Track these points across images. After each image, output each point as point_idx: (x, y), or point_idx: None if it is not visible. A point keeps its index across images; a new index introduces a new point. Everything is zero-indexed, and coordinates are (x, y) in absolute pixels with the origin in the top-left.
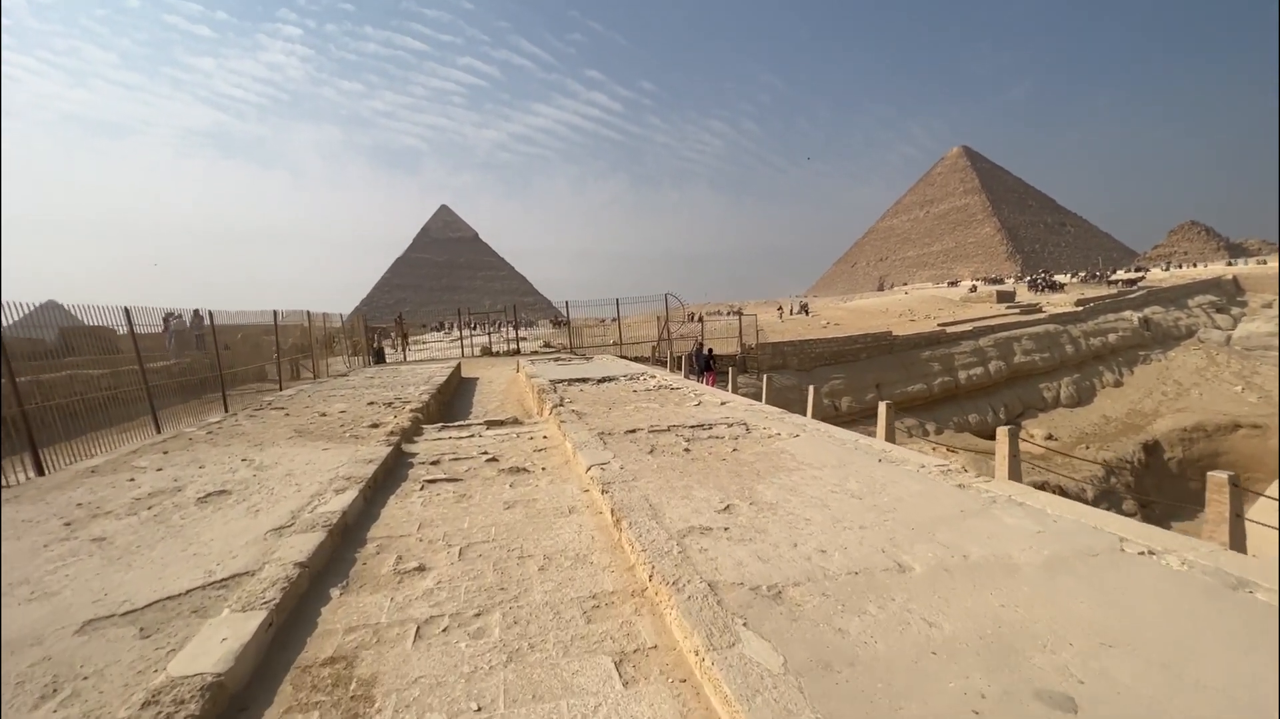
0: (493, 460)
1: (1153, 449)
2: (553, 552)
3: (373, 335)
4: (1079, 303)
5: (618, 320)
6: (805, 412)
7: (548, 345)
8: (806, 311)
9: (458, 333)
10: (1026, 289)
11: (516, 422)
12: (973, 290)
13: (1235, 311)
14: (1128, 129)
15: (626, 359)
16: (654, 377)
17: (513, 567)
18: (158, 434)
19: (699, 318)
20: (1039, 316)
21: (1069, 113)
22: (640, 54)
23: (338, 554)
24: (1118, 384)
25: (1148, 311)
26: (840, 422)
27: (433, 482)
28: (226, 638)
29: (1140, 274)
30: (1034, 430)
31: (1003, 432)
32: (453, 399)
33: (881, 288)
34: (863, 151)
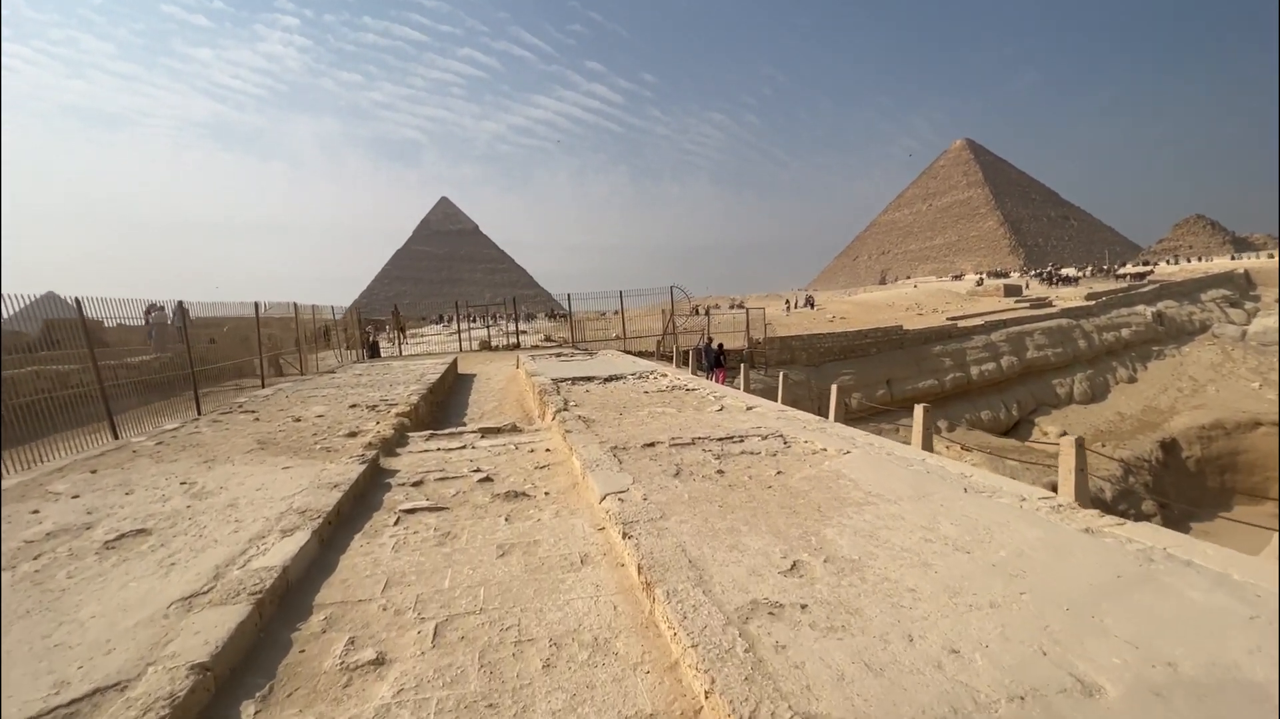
0: (486, 481)
1: (1170, 447)
2: (562, 633)
3: (368, 329)
4: (1089, 297)
5: (621, 314)
6: (819, 411)
7: (548, 339)
8: (812, 305)
9: (456, 326)
10: (1038, 282)
11: (515, 429)
12: (979, 284)
13: (1249, 306)
14: (1131, 122)
15: (631, 354)
16: (665, 375)
17: (506, 659)
18: (114, 440)
19: (705, 311)
20: (1050, 311)
21: (1072, 105)
22: (641, 46)
23: (268, 635)
24: (1132, 380)
25: (1160, 306)
26: (850, 419)
27: (411, 512)
28: None
29: (1148, 268)
30: (1048, 428)
31: (1068, 443)
32: (447, 398)
33: (883, 281)
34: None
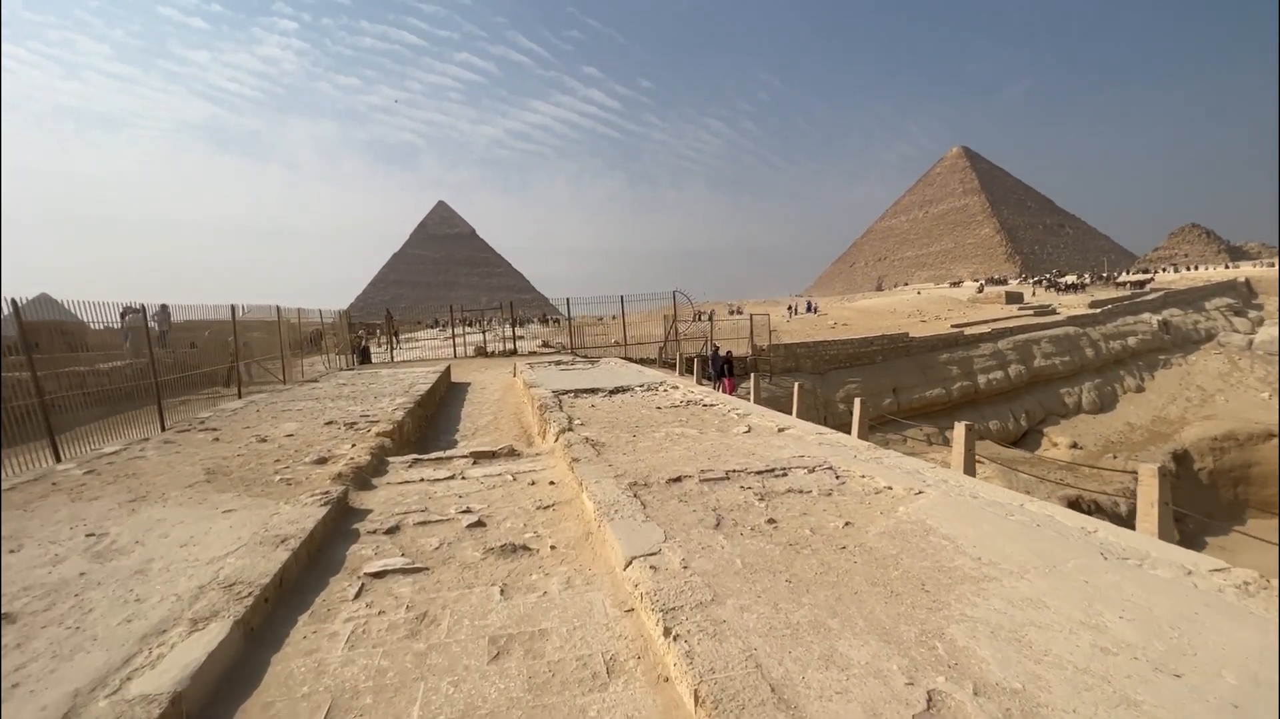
0: (478, 526)
1: (1182, 459)
2: None
3: (360, 334)
4: (1093, 304)
5: (622, 319)
6: (824, 420)
7: (546, 345)
8: (815, 310)
9: (450, 332)
10: (1044, 289)
11: (512, 453)
12: (979, 290)
13: (1253, 315)
14: (1125, 130)
15: (632, 362)
16: (676, 387)
17: None
18: (55, 463)
19: (707, 317)
20: (1057, 319)
21: (1066, 113)
22: (638, 52)
23: None
24: (1139, 389)
25: (1165, 314)
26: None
27: (380, 575)
28: None
29: (1148, 276)
30: (1058, 438)
31: (1149, 472)
32: (437, 412)
33: (880, 287)
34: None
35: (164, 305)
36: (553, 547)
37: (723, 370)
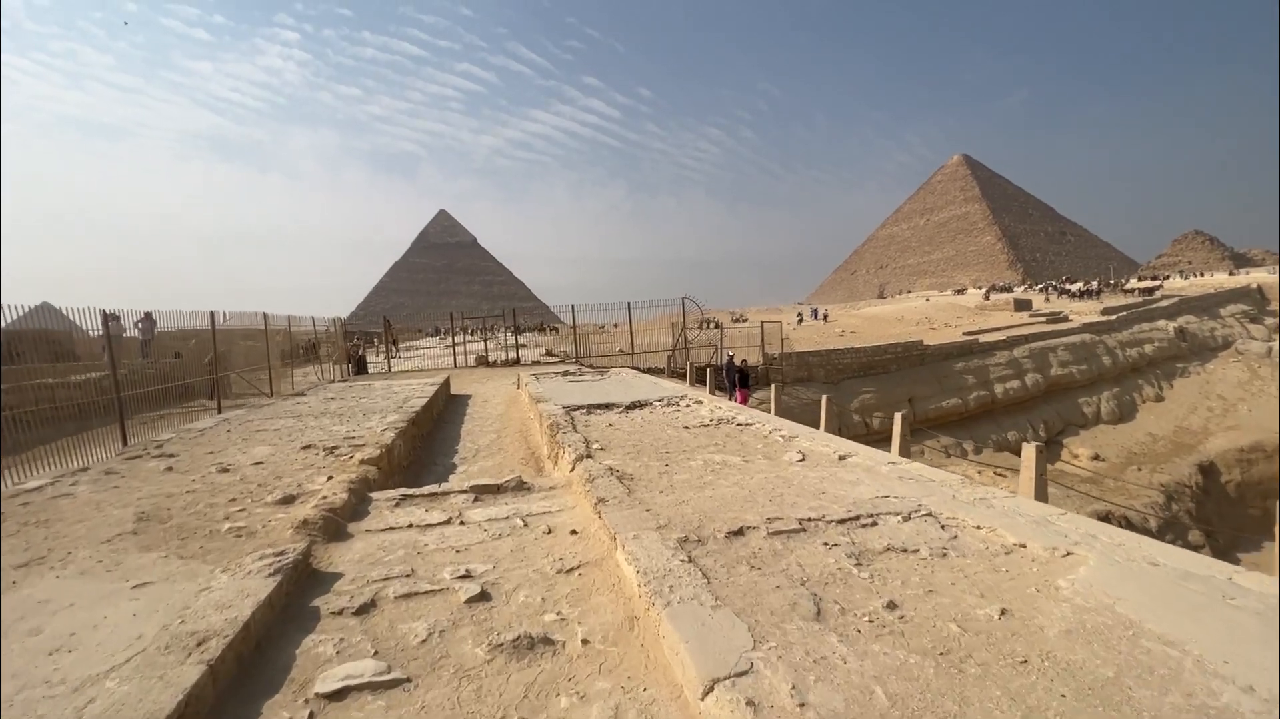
0: (480, 600)
1: (1208, 471)
2: None
3: (356, 342)
4: (1105, 311)
5: (629, 327)
6: (839, 431)
7: (549, 354)
8: (819, 317)
9: (451, 341)
10: (1055, 295)
11: (521, 485)
12: (986, 297)
13: (1269, 322)
14: (1124, 138)
15: (640, 371)
16: (700, 402)
17: None
18: None
19: (716, 324)
20: (1072, 326)
21: (1065, 121)
22: (638, 61)
23: None
24: (1159, 399)
25: (1181, 321)
26: (872, 440)
27: (339, 696)
28: None
29: (1156, 283)
30: (1079, 449)
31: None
32: (434, 429)
33: (882, 295)
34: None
35: (148, 313)
36: (585, 640)
37: (740, 381)
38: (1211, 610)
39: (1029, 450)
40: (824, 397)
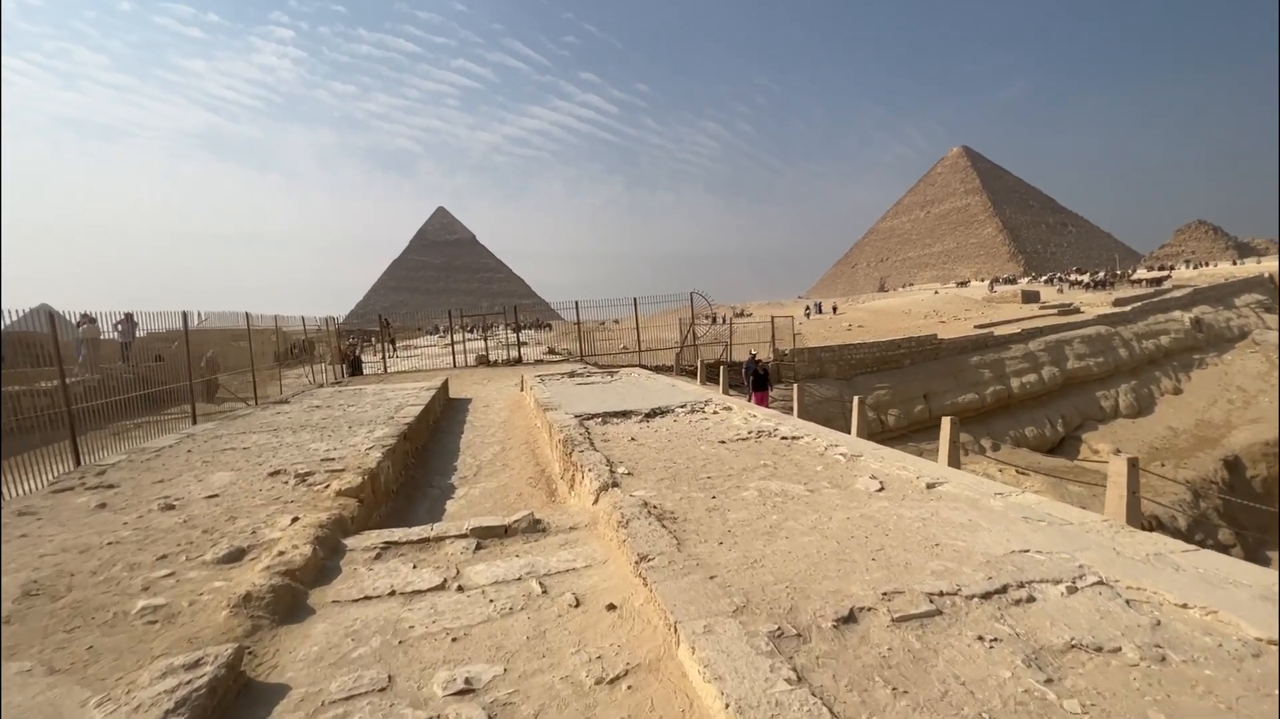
0: None
1: (1233, 466)
2: None
3: (352, 342)
4: (1117, 303)
5: (635, 323)
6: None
7: (552, 352)
8: (828, 309)
9: (450, 339)
10: (1068, 286)
11: (534, 527)
12: (990, 289)
13: None
14: (1123, 129)
15: (648, 370)
16: (729, 408)
17: None
18: None
19: (723, 319)
20: (1085, 317)
21: (1064, 113)
22: (635, 57)
23: None
24: (1177, 391)
25: (1197, 312)
26: (888, 439)
27: None
28: None
29: (1164, 273)
30: (1098, 445)
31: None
32: (430, 441)
33: (883, 288)
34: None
35: (128, 314)
36: None
37: (760, 381)
38: None
39: (1118, 465)
40: (855, 398)
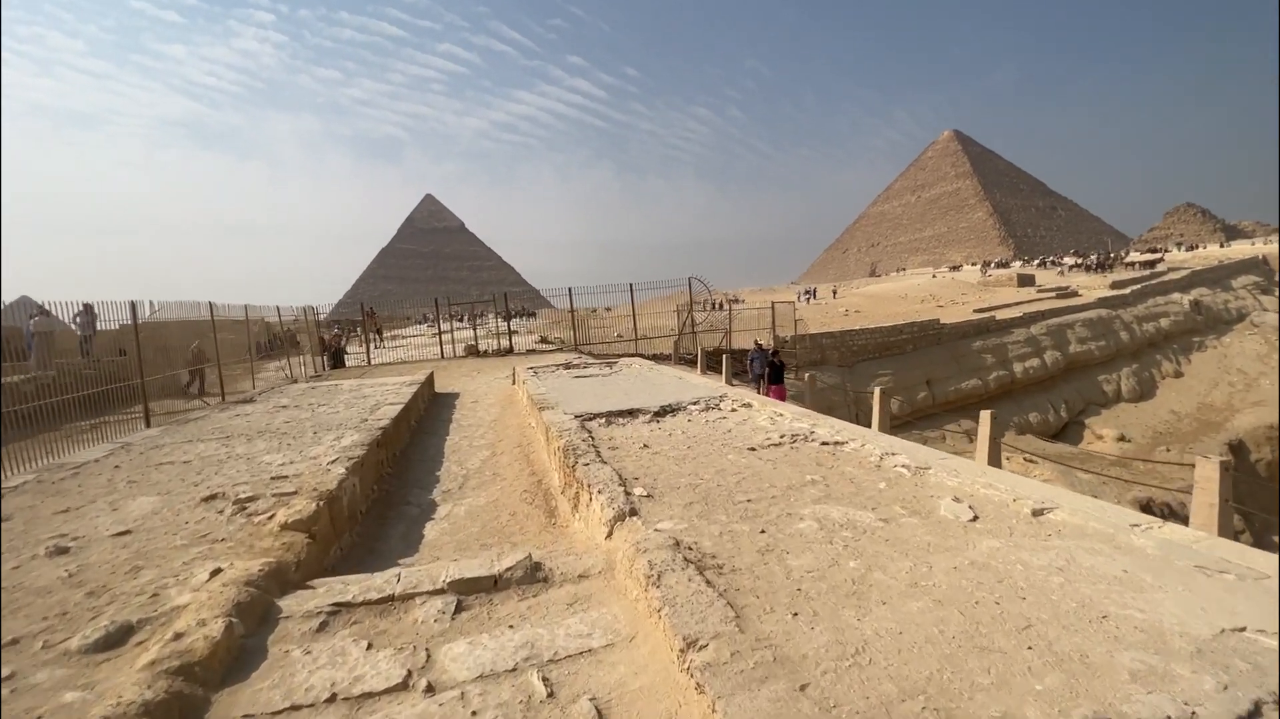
0: None
1: (1237, 449)
2: None
3: (338, 333)
4: (1114, 285)
5: (632, 311)
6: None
7: (545, 341)
8: (825, 294)
9: (438, 329)
10: (1068, 269)
11: (533, 575)
12: (984, 273)
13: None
14: (1114, 111)
15: (646, 359)
16: (748, 404)
17: None
18: None
19: (720, 305)
20: (1086, 300)
21: (1055, 96)
22: (623, 40)
23: None
24: (1178, 374)
25: (1195, 294)
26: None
27: None
28: None
29: (1157, 255)
30: (1102, 430)
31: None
32: (411, 444)
33: (874, 273)
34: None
35: (87, 305)
36: None
37: (775, 375)
38: None
39: (1208, 469)
40: (876, 389)
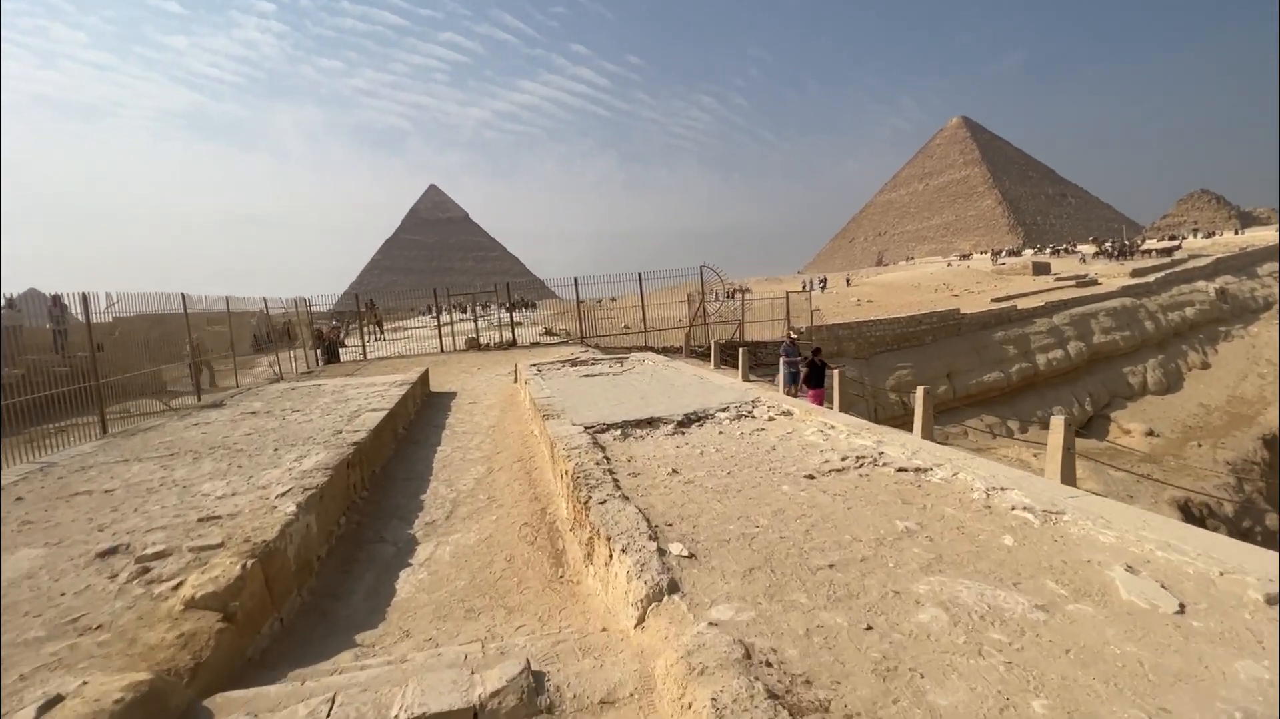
0: None
1: (1271, 444)
2: None
3: (336, 325)
4: (1134, 273)
5: (641, 301)
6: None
7: (550, 333)
8: (838, 284)
9: (437, 321)
10: (1092, 257)
11: (534, 700)
12: (995, 262)
13: None
14: (1123, 98)
15: (658, 354)
16: (788, 412)
17: None
18: None
19: (732, 294)
20: (1109, 289)
21: (1063, 82)
22: (626, 28)
23: None
24: (1205, 365)
25: (1220, 282)
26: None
27: None
28: None
29: (1175, 242)
30: (1130, 424)
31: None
32: (395, 457)
33: (881, 263)
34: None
35: (56, 296)
36: None
37: (815, 377)
38: None
39: None
40: (920, 389)
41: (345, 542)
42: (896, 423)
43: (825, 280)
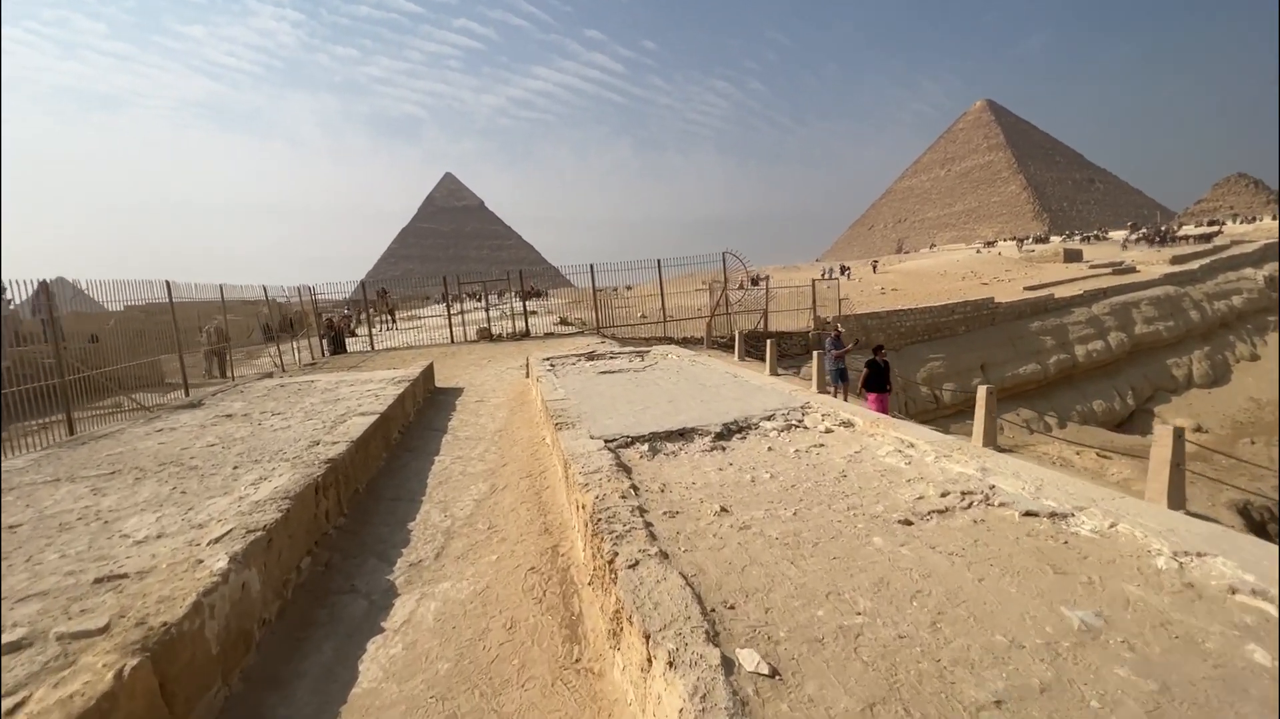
0: None
1: None
2: None
3: (347, 313)
4: (1174, 260)
5: (660, 290)
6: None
7: (565, 323)
8: (865, 271)
9: (447, 310)
10: (1135, 246)
11: None
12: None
13: None
14: (1151, 81)
15: (687, 350)
16: (849, 423)
17: None
18: None
19: (755, 281)
20: (1150, 277)
21: (1090, 62)
22: (640, 12)
23: None
24: (1254, 357)
25: (1269, 269)
26: (943, 418)
27: None
28: None
29: (1214, 229)
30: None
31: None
32: (388, 466)
33: (901, 250)
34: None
35: (43, 282)
36: None
37: (878, 379)
38: None
39: None
40: (982, 389)
41: (305, 592)
42: (928, 418)
43: (848, 268)
